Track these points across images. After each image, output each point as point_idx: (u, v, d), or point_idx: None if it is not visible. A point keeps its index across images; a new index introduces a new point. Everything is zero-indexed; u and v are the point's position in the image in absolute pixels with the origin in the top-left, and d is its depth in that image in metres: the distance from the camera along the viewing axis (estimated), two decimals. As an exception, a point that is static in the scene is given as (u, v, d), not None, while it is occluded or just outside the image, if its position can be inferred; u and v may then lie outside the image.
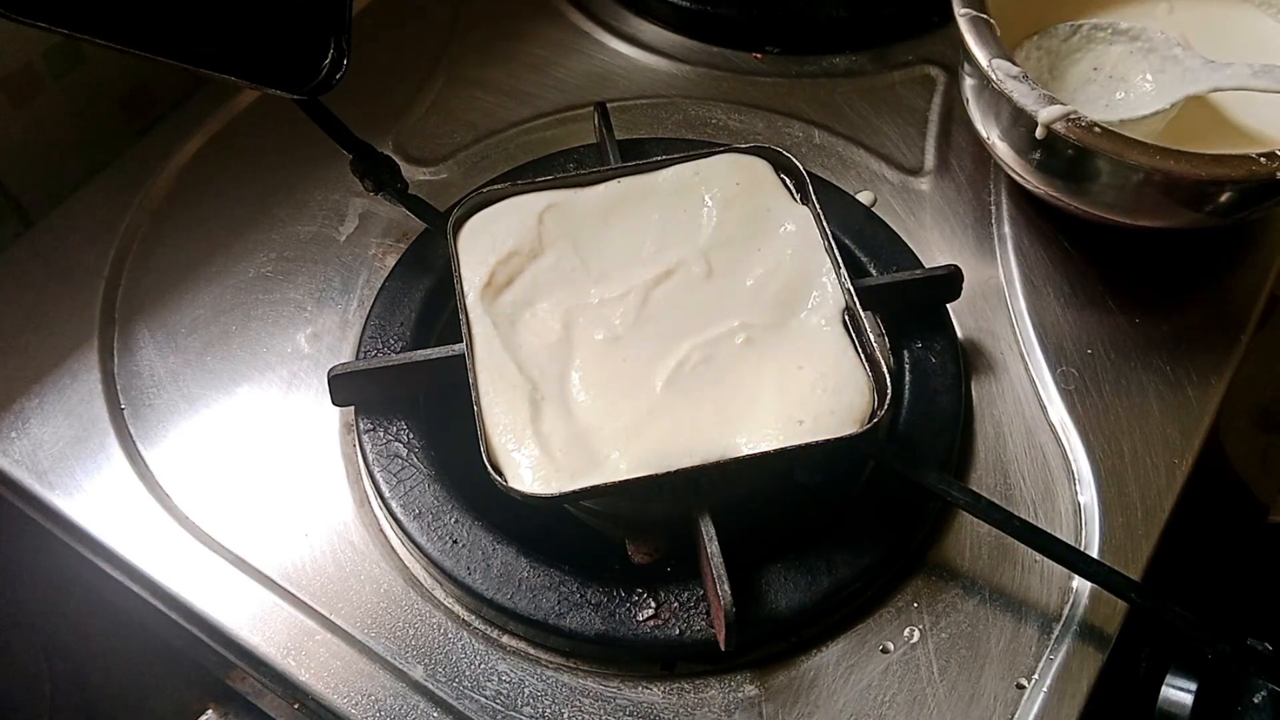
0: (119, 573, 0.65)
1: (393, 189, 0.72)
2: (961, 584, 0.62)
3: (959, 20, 0.71)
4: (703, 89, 0.86)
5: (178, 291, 0.75)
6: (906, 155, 0.81)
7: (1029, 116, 0.66)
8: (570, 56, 0.89)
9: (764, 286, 0.63)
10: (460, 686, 0.59)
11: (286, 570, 0.63)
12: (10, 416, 0.69)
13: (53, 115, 0.81)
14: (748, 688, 0.59)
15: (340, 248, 0.77)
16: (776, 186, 0.66)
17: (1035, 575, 0.62)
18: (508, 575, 0.60)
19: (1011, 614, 0.61)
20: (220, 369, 0.71)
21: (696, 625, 0.58)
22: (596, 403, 0.59)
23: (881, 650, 0.60)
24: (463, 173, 0.81)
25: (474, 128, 0.84)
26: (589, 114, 0.78)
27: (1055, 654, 0.59)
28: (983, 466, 0.66)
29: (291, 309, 0.74)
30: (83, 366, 0.71)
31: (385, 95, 0.85)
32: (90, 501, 0.66)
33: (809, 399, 0.58)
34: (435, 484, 0.63)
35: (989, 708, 0.58)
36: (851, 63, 0.88)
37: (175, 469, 0.67)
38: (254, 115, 0.85)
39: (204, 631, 0.63)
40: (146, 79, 0.86)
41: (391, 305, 0.71)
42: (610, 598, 0.59)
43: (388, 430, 0.65)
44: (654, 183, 0.67)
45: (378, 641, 0.61)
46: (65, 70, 0.80)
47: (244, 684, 0.69)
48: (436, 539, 0.61)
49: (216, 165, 0.82)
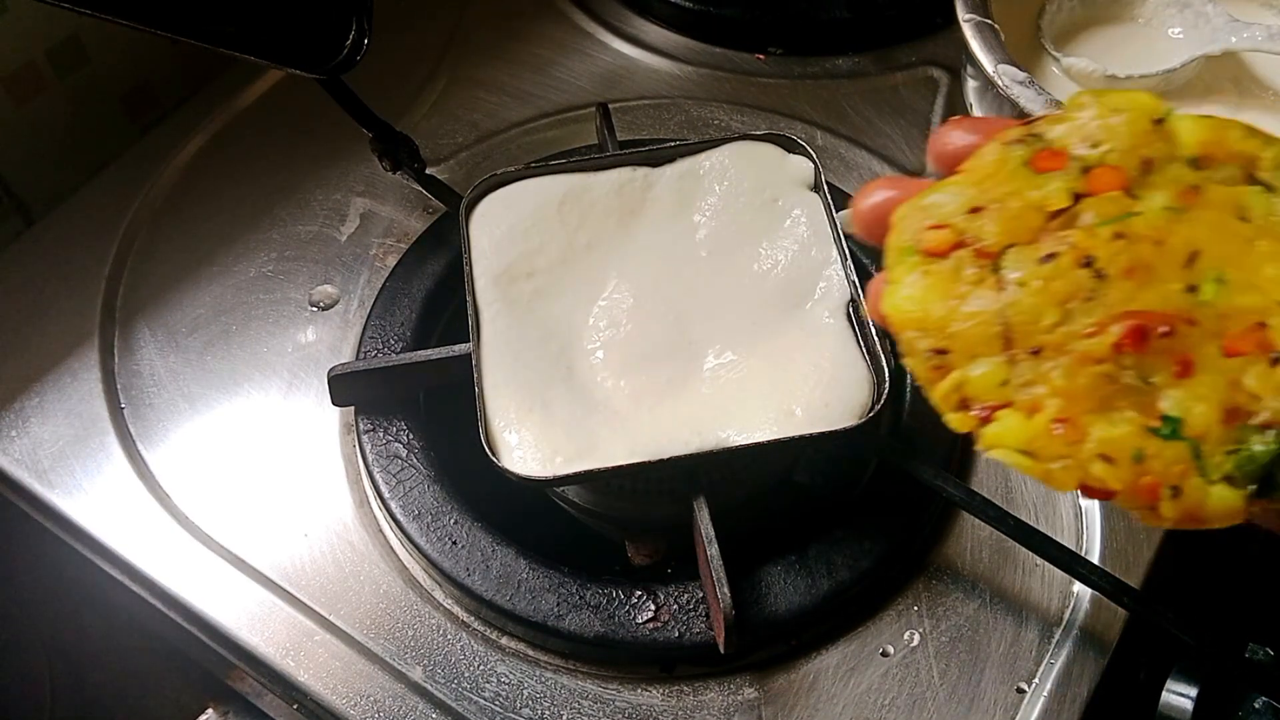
0: (119, 572, 0.65)
1: (410, 168, 0.72)
2: (962, 587, 0.62)
3: (963, 26, 0.71)
4: (705, 90, 0.86)
5: (179, 290, 0.75)
6: (909, 157, 0.81)
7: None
8: (572, 57, 0.89)
9: (771, 277, 0.62)
10: (459, 688, 0.59)
11: (286, 570, 0.63)
12: (11, 415, 0.69)
13: (55, 114, 0.81)
14: (747, 690, 0.59)
15: (341, 247, 0.77)
16: (787, 175, 0.66)
17: (1036, 579, 0.62)
18: (507, 576, 0.60)
19: (1012, 618, 0.61)
20: (220, 368, 0.71)
21: (696, 627, 0.58)
22: (597, 390, 0.59)
23: (881, 653, 0.60)
24: (465, 172, 0.80)
25: (476, 128, 0.84)
26: (591, 114, 0.78)
27: (1056, 658, 0.59)
28: (984, 469, 0.66)
29: (292, 309, 0.74)
30: (83, 365, 0.71)
31: (388, 95, 0.84)
32: (90, 501, 0.66)
33: (808, 391, 0.58)
34: (435, 485, 0.63)
35: (989, 712, 0.58)
36: (854, 64, 0.88)
37: (175, 468, 0.67)
38: (255, 115, 0.85)
39: (204, 631, 0.63)
40: (148, 78, 0.86)
41: (391, 305, 0.71)
42: (610, 600, 0.59)
43: (388, 431, 0.65)
44: (667, 171, 0.66)
45: (377, 642, 0.61)
46: (67, 69, 0.80)
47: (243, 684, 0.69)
48: (436, 540, 0.61)
49: (218, 164, 0.82)
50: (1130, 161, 0.36)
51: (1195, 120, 0.36)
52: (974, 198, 0.36)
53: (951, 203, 0.36)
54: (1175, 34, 0.74)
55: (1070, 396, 0.33)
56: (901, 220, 0.37)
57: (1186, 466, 0.33)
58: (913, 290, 0.35)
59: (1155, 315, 0.33)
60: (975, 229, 0.35)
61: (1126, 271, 0.34)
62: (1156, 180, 0.35)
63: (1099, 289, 0.34)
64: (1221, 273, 0.34)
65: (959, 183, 0.36)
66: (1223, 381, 0.33)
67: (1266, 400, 0.33)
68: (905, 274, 0.36)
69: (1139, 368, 0.33)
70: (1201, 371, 0.33)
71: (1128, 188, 0.35)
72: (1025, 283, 0.34)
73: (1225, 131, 0.36)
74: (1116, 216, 0.35)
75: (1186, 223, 0.35)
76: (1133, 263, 0.34)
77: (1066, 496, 0.65)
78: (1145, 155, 0.36)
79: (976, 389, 0.34)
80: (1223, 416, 0.33)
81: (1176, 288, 0.34)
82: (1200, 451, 0.33)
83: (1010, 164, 0.36)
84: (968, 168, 0.37)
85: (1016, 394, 0.34)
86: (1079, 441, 0.33)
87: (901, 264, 0.36)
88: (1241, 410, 0.33)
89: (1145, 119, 0.36)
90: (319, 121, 0.79)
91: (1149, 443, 0.33)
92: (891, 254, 0.37)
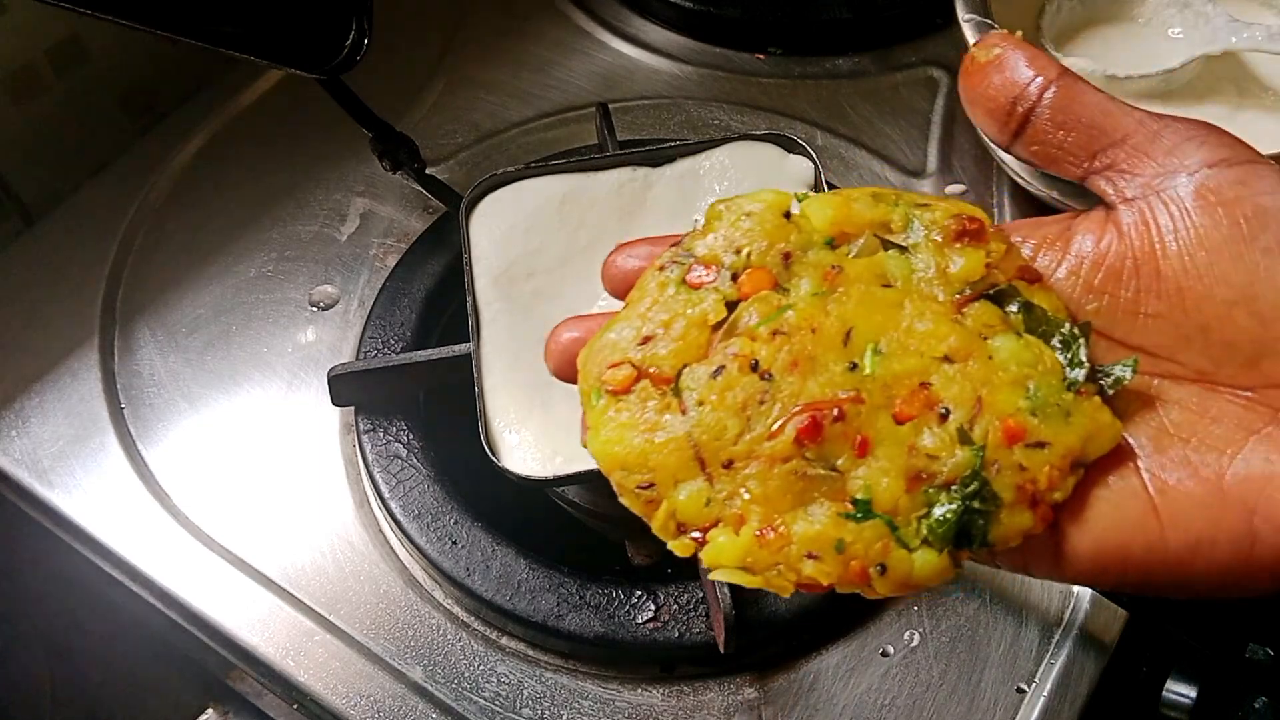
0: (119, 572, 0.65)
1: (410, 168, 0.72)
2: (962, 587, 0.62)
3: (963, 26, 0.70)
4: (705, 90, 0.86)
5: (179, 290, 0.75)
6: (909, 157, 0.81)
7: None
8: (572, 57, 0.89)
9: None
10: (459, 688, 0.59)
11: (286, 570, 0.63)
12: (11, 415, 0.69)
13: (54, 114, 0.81)
14: (747, 690, 0.59)
15: (341, 247, 0.77)
16: (787, 175, 0.66)
17: (1035, 579, 0.62)
18: (507, 576, 0.60)
19: (1012, 618, 0.61)
20: (220, 368, 0.71)
21: (696, 628, 0.58)
22: None
23: (881, 654, 0.60)
24: (465, 173, 0.80)
25: (476, 128, 0.84)
26: (591, 114, 0.78)
27: (1056, 658, 0.59)
28: (984, 469, 0.66)
29: (292, 309, 0.74)
30: (83, 365, 0.71)
31: (388, 95, 0.84)
32: (90, 501, 0.66)
33: None
34: (435, 485, 0.63)
35: (989, 712, 0.58)
36: (854, 64, 0.88)
37: (175, 468, 0.67)
38: (256, 114, 0.85)
39: (204, 632, 0.63)
40: (148, 78, 0.86)
41: (391, 305, 0.71)
42: (610, 600, 0.59)
43: (388, 430, 0.65)
44: (667, 171, 0.66)
45: (377, 642, 0.61)
46: (67, 69, 0.80)
47: (244, 684, 0.69)
48: (436, 540, 0.61)
49: (218, 164, 0.82)
50: (772, 258, 0.37)
51: (822, 201, 0.38)
52: (642, 329, 0.37)
53: (624, 338, 0.37)
54: (1175, 34, 0.74)
55: (767, 501, 0.34)
56: (585, 365, 0.38)
57: (886, 542, 0.34)
58: (610, 432, 0.36)
59: (823, 403, 0.35)
60: (650, 358, 0.36)
61: (790, 366, 0.35)
62: (799, 270, 0.37)
63: (770, 389, 0.35)
64: (877, 343, 0.35)
65: (627, 315, 0.38)
66: (900, 451, 0.34)
67: (943, 459, 0.34)
68: (599, 417, 0.37)
69: (822, 457, 0.34)
70: (879, 445, 0.34)
71: (776, 284, 0.37)
72: (704, 400, 0.35)
73: (851, 206, 0.37)
74: (770, 315, 0.36)
75: (836, 303, 0.36)
76: (794, 356, 0.35)
77: (1066, 496, 0.65)
78: (783, 249, 0.37)
79: (686, 514, 0.35)
80: (908, 485, 0.34)
81: (839, 369, 0.35)
82: (895, 524, 0.34)
83: (668, 287, 0.37)
84: (632, 299, 0.38)
85: (722, 510, 0.35)
86: (785, 545, 0.34)
87: (593, 408, 0.37)
88: (924, 474, 0.34)
89: (775, 215, 0.37)
90: (319, 121, 0.79)
91: (845, 530, 0.34)
92: (583, 399, 0.38)
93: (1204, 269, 0.33)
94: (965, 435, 0.34)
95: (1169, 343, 0.34)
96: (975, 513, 0.34)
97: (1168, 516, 0.33)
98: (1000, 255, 0.36)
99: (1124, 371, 0.35)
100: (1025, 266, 0.36)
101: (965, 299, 0.36)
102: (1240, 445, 0.33)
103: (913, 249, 0.37)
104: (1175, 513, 0.33)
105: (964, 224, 0.36)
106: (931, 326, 0.35)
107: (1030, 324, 0.35)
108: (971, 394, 0.34)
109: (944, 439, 0.34)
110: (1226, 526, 0.32)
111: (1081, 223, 0.36)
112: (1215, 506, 0.32)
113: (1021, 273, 0.36)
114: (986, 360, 0.35)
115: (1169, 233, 0.34)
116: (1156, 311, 0.34)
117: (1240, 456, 0.33)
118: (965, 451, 0.34)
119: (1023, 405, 0.34)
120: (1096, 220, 0.36)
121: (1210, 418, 0.34)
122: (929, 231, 0.37)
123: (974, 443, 0.34)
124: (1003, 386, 0.35)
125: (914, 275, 0.36)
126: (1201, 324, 0.33)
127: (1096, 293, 0.35)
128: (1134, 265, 0.34)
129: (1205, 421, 0.34)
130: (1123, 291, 0.35)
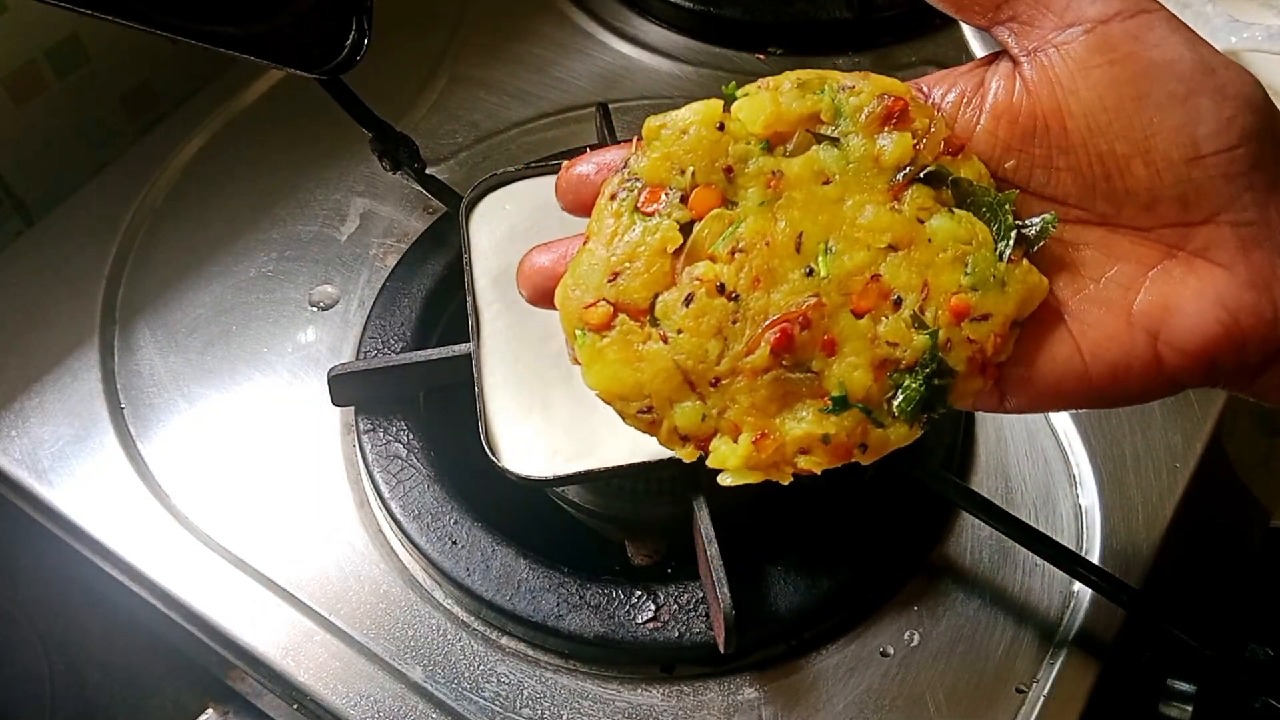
0: (119, 572, 0.65)
1: (410, 168, 0.72)
2: (962, 588, 0.62)
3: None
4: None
5: (179, 290, 0.75)
6: (909, 157, 0.81)
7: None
8: (572, 57, 0.89)
9: None
10: (459, 688, 0.59)
11: (286, 570, 0.63)
12: (10, 415, 0.69)
13: (55, 114, 0.81)
14: (747, 690, 0.59)
15: (341, 247, 0.77)
16: None
17: (1036, 579, 0.62)
18: (507, 576, 0.60)
19: (1012, 618, 0.61)
20: (220, 368, 0.71)
21: (696, 628, 0.58)
22: None
23: (881, 653, 0.60)
24: (465, 173, 0.80)
25: (476, 128, 0.84)
26: (591, 115, 0.78)
27: (1055, 659, 0.59)
28: (984, 469, 0.66)
29: (292, 309, 0.74)
30: (83, 365, 0.71)
31: (387, 95, 0.84)
32: (90, 501, 0.66)
33: None
34: (435, 485, 0.63)
35: (989, 712, 0.58)
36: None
37: (175, 468, 0.67)
38: (256, 114, 0.85)
39: (203, 631, 0.63)
40: (148, 78, 0.86)
41: (391, 305, 0.71)
42: (610, 599, 0.59)
43: (388, 430, 0.65)
44: None
45: (377, 642, 0.61)
46: (67, 69, 0.80)
47: (243, 684, 0.69)
48: (436, 540, 0.61)
49: (218, 164, 0.82)
50: (716, 175, 0.39)
51: (753, 104, 0.39)
52: (609, 263, 0.39)
53: (594, 275, 0.39)
54: None
55: (756, 410, 0.38)
56: (563, 305, 0.40)
57: (864, 426, 0.38)
58: (601, 368, 0.39)
59: (790, 315, 0.38)
60: (622, 292, 0.39)
61: (754, 283, 0.38)
62: (744, 181, 0.39)
63: (739, 309, 0.38)
64: (826, 243, 0.38)
65: (592, 250, 0.39)
66: (864, 344, 0.38)
67: (903, 345, 0.38)
68: (589, 354, 0.39)
69: (797, 363, 0.38)
70: (845, 342, 0.38)
71: (724, 199, 0.39)
72: (681, 328, 0.38)
73: (779, 103, 0.39)
74: (725, 234, 0.38)
75: (783, 209, 0.39)
76: (755, 273, 0.38)
77: (1067, 497, 0.65)
78: (724, 164, 0.39)
79: (685, 429, 0.39)
80: (875, 374, 0.38)
81: (797, 276, 0.38)
82: (869, 410, 0.38)
83: (622, 215, 0.39)
84: (591, 231, 0.40)
85: (717, 422, 0.39)
86: (781, 445, 0.38)
87: (581, 345, 0.39)
88: (889, 360, 0.38)
89: (710, 128, 0.39)
90: (319, 121, 0.79)
91: (828, 424, 0.38)
92: (568, 337, 0.40)
93: (1104, 128, 0.36)
94: (920, 320, 0.38)
95: (1076, 192, 0.38)
96: (935, 388, 0.38)
97: (1089, 351, 0.38)
98: (925, 130, 0.38)
99: (1046, 228, 0.38)
100: (949, 138, 0.38)
101: (899, 186, 0.38)
102: (1141, 280, 0.37)
103: (844, 138, 0.39)
104: (1094, 347, 0.38)
105: (889, 106, 0.38)
106: (873, 218, 0.38)
107: (959, 197, 0.38)
108: (918, 278, 0.38)
109: (900, 326, 0.38)
110: (1138, 354, 0.37)
111: (993, 74, 0.38)
112: (1126, 336, 0.37)
113: (948, 146, 0.38)
114: (926, 243, 0.38)
115: (1070, 94, 0.37)
116: (1065, 165, 0.38)
117: (1142, 291, 0.37)
118: (920, 336, 0.38)
119: (964, 282, 0.38)
120: (1005, 73, 0.38)
121: (1115, 256, 0.38)
122: (856, 118, 0.39)
123: (928, 326, 0.38)
124: (944, 267, 0.38)
125: (849, 167, 0.38)
126: (1104, 174, 0.37)
127: (1014, 152, 0.38)
128: (1044, 124, 0.37)
129: (1111, 260, 0.38)
130: (1035, 149, 0.38)
